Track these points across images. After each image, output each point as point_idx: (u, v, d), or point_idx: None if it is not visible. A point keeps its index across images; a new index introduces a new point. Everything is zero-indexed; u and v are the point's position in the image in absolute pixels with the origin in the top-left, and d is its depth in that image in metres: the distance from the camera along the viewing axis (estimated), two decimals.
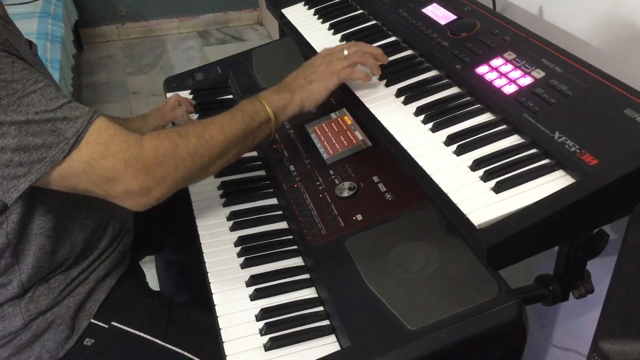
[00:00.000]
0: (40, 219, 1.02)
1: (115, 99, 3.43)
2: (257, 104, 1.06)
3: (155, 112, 1.45)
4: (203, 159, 0.97)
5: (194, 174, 0.98)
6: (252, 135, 1.05)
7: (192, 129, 0.98)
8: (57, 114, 0.87)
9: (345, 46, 1.14)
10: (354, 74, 1.10)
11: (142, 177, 0.91)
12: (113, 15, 4.06)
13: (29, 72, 0.89)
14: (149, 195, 0.93)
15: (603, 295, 0.69)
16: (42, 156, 0.86)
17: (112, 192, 0.91)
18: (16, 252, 1.01)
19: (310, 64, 1.13)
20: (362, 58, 1.12)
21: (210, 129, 0.99)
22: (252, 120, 1.04)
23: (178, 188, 0.97)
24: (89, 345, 1.09)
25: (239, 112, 1.04)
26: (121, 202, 0.93)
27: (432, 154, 0.94)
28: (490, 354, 0.92)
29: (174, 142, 0.94)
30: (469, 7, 1.18)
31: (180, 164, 0.94)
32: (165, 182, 0.93)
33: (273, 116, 1.06)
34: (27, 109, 0.86)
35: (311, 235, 1.09)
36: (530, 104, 0.93)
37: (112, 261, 1.16)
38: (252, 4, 4.28)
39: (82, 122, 0.88)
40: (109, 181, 0.90)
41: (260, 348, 0.94)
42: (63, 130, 0.87)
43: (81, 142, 0.88)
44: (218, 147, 0.99)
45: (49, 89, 0.89)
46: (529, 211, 0.79)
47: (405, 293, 0.93)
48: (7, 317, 1.04)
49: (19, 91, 0.86)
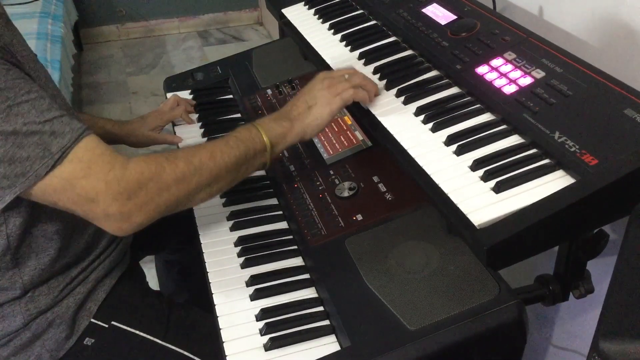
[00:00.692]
0: (45, 223, 1.01)
1: (115, 99, 3.43)
2: (253, 132, 1.02)
3: (154, 113, 1.45)
4: (190, 186, 0.93)
5: (178, 200, 0.94)
6: (246, 164, 1.01)
7: (182, 153, 0.95)
8: (45, 127, 0.85)
9: (344, 71, 1.11)
10: (358, 95, 1.07)
11: (122, 200, 0.87)
12: (113, 15, 4.06)
13: (23, 81, 0.87)
14: (129, 220, 0.89)
15: (603, 295, 0.69)
16: (26, 169, 0.84)
17: (92, 213, 0.88)
18: (17, 256, 1.01)
19: (309, 89, 1.09)
20: (363, 81, 1.09)
21: (200, 154, 0.95)
22: (246, 149, 1.00)
23: (161, 215, 0.93)
24: (89, 344, 1.09)
25: (233, 139, 1.00)
26: (101, 224, 0.90)
27: (432, 154, 0.94)
28: (491, 354, 0.92)
29: (161, 166, 0.91)
30: (469, 7, 1.18)
31: (164, 189, 0.91)
32: (146, 208, 0.89)
33: (269, 145, 1.02)
34: (16, 119, 0.84)
35: (311, 235, 1.09)
36: (530, 104, 0.93)
37: (112, 261, 1.16)
38: (252, 4, 4.28)
39: (70, 139, 0.86)
40: (89, 202, 0.87)
41: (260, 348, 0.94)
42: (49, 145, 0.85)
43: (65, 159, 0.85)
44: (207, 174, 0.95)
45: (41, 100, 0.87)
46: (529, 211, 0.79)
47: (405, 293, 0.93)
48: (7, 316, 1.04)
49: (9, 99, 0.84)
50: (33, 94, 0.87)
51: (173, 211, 0.95)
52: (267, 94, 1.50)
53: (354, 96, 1.07)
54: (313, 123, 1.06)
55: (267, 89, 1.52)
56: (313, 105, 1.07)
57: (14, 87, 0.85)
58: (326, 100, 1.06)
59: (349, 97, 1.07)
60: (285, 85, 1.49)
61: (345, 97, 1.07)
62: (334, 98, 1.06)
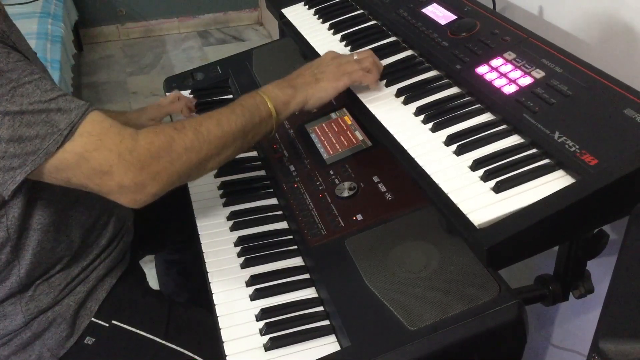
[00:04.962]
0: (40, 213, 1.02)
1: (115, 99, 3.43)
2: (258, 99, 1.03)
3: (153, 105, 1.45)
4: (200, 154, 0.95)
5: (190, 169, 0.95)
6: (252, 131, 1.02)
7: (189, 123, 0.96)
8: (51, 105, 0.86)
9: (356, 52, 1.13)
10: (366, 78, 1.08)
11: (135, 171, 0.89)
12: (113, 15, 4.06)
13: (25, 64, 0.88)
14: (144, 191, 0.91)
15: (603, 295, 0.69)
16: (36, 147, 0.86)
17: (106, 186, 0.90)
18: (16, 248, 1.01)
19: (318, 62, 1.11)
20: (373, 65, 1.09)
21: (207, 123, 0.97)
22: (252, 116, 1.01)
23: (174, 184, 0.94)
24: (90, 344, 1.09)
25: (239, 107, 1.01)
26: (116, 197, 0.91)
27: (432, 154, 0.94)
28: (491, 354, 0.92)
29: (170, 136, 0.92)
30: (469, 7, 1.18)
31: (176, 159, 0.92)
32: (160, 177, 0.91)
33: (275, 112, 1.03)
34: (22, 99, 0.85)
35: (311, 235, 1.09)
36: (530, 104, 0.93)
37: (112, 260, 1.16)
38: (252, 4, 4.28)
39: (77, 114, 0.87)
40: (103, 175, 0.88)
41: (260, 348, 0.94)
42: (57, 122, 0.86)
43: (75, 134, 0.86)
44: (215, 142, 0.97)
45: (44, 80, 0.88)
46: (529, 211, 0.79)
47: (405, 293, 0.93)
48: (7, 315, 1.04)
49: (13, 81, 0.85)
50: (36, 74, 0.88)
51: (185, 180, 0.98)
52: None
53: (362, 78, 1.08)
54: (317, 94, 1.07)
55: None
56: (320, 78, 1.07)
57: (16, 69, 0.86)
58: (334, 76, 1.07)
59: (357, 78, 1.08)
60: None
61: (354, 77, 1.08)
62: (342, 75, 1.07)
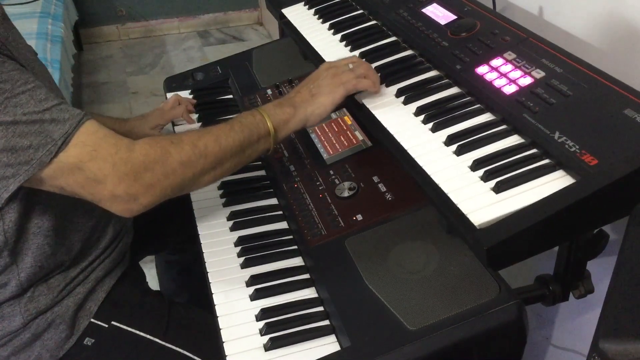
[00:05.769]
0: (39, 218, 1.02)
1: (115, 99, 3.43)
2: (257, 117, 1.04)
3: (155, 112, 1.46)
4: (195, 169, 0.95)
5: (184, 183, 0.96)
6: (250, 149, 1.02)
7: (187, 137, 0.97)
8: (45, 115, 0.87)
9: (349, 60, 1.13)
10: (361, 84, 1.08)
11: (129, 181, 0.89)
12: (113, 15, 4.06)
13: (19, 73, 0.88)
14: (136, 201, 0.91)
15: (603, 295, 0.69)
16: (30, 158, 0.86)
17: (99, 195, 0.90)
18: (14, 252, 1.01)
19: (313, 77, 1.11)
20: (367, 71, 1.10)
21: (205, 138, 0.97)
22: (250, 133, 1.02)
23: (167, 197, 0.95)
24: (89, 344, 1.09)
25: (238, 124, 1.02)
26: (108, 206, 0.92)
27: (432, 154, 0.94)
28: (491, 354, 0.92)
29: (166, 149, 0.93)
30: (469, 7, 1.18)
31: (170, 172, 0.93)
32: (153, 189, 0.92)
33: (273, 130, 1.04)
34: (15, 110, 0.85)
35: (311, 235, 1.09)
36: (530, 104, 0.93)
37: (111, 261, 1.16)
38: (252, 4, 4.28)
39: (71, 125, 0.88)
40: (96, 184, 0.89)
41: (260, 348, 0.94)
42: (50, 132, 0.86)
43: (69, 144, 0.87)
44: (212, 158, 0.97)
45: (38, 90, 0.88)
46: (529, 211, 0.79)
47: (406, 293, 0.93)
48: (6, 316, 1.04)
49: (7, 91, 0.86)
50: (30, 84, 0.88)
51: (179, 193, 0.98)
52: (267, 94, 1.50)
53: (357, 85, 1.08)
54: (316, 111, 1.08)
55: (267, 89, 1.52)
56: (316, 93, 1.08)
57: (10, 79, 0.87)
58: (329, 89, 1.08)
59: (352, 87, 1.08)
60: (285, 85, 1.49)
61: (349, 86, 1.08)
62: (337, 87, 1.08)
